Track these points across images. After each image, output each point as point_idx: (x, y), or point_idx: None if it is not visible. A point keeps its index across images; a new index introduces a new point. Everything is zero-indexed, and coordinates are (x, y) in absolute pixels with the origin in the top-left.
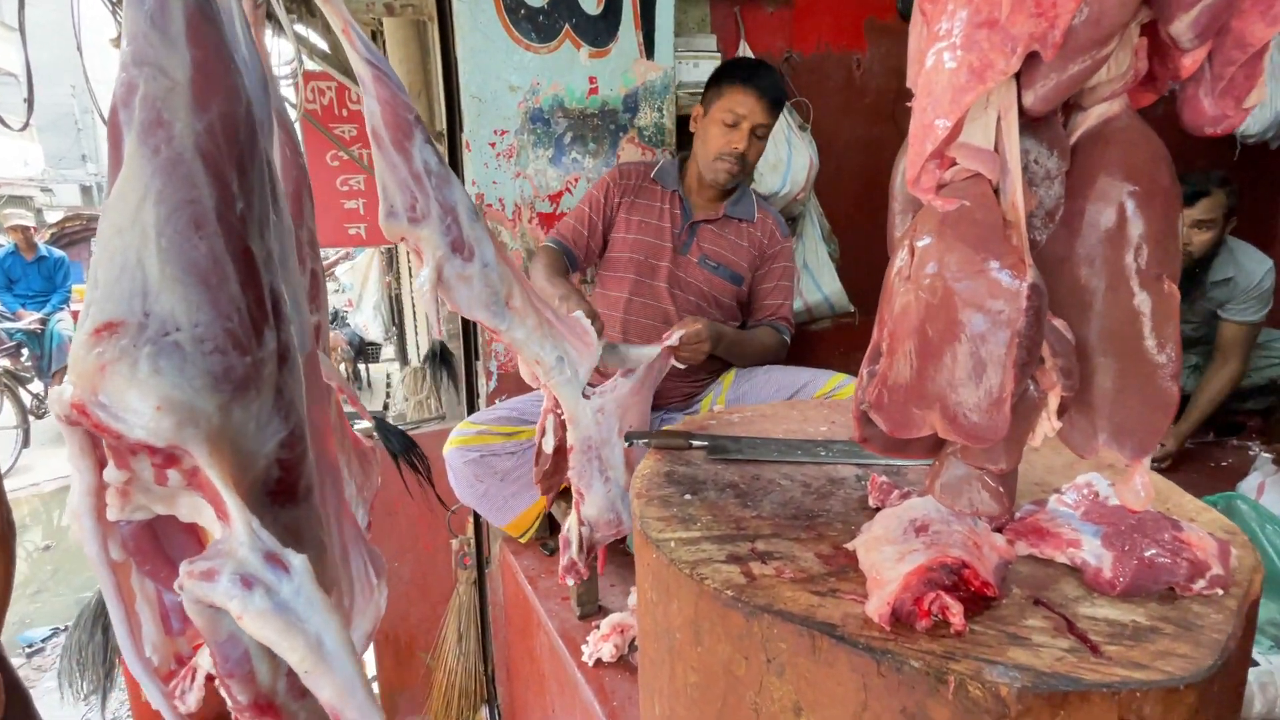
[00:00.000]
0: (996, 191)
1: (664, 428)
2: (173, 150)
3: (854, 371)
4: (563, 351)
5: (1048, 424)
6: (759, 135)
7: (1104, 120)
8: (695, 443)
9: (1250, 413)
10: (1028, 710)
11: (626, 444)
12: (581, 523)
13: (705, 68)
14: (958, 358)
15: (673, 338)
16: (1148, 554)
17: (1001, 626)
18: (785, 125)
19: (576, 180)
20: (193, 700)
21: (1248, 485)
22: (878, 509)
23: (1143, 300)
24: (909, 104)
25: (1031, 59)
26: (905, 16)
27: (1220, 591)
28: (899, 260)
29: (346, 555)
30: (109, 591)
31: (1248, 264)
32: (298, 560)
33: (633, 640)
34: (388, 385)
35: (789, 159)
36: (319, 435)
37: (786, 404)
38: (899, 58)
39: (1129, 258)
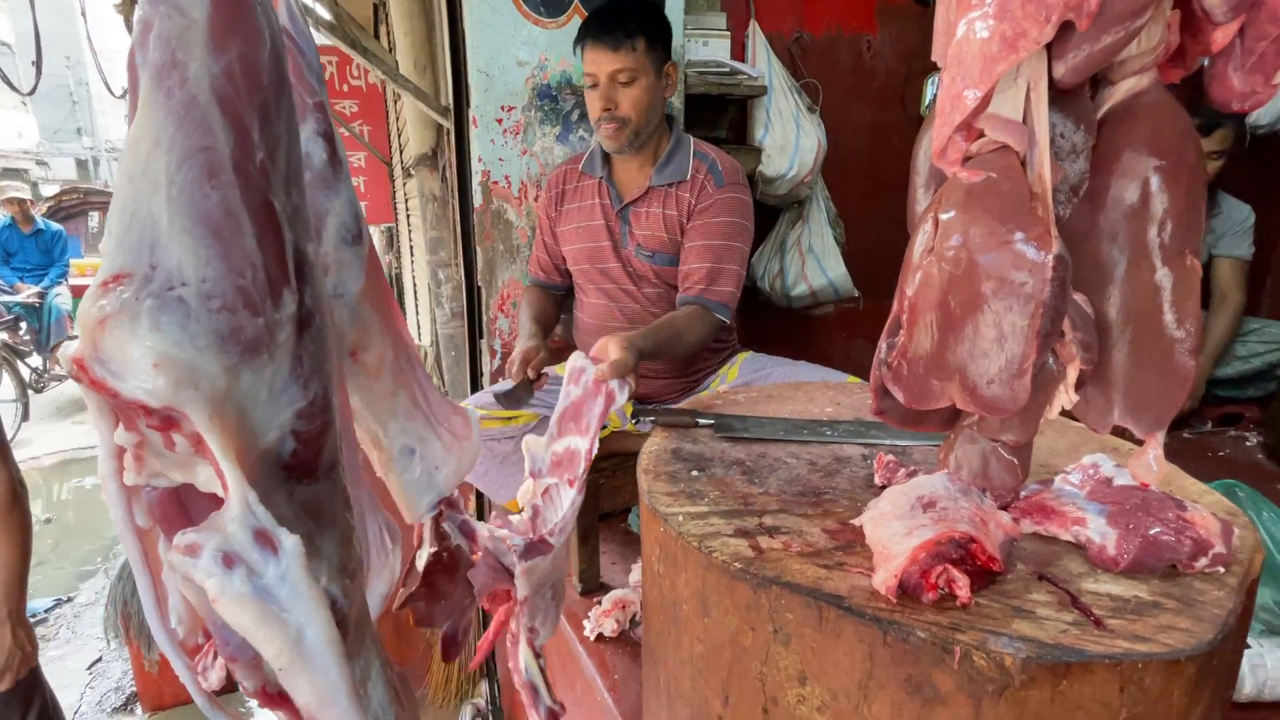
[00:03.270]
0: (1023, 164)
1: (670, 406)
2: (187, 93)
3: (857, 359)
4: (417, 442)
5: (1065, 397)
6: (623, 82)
7: (1132, 95)
8: (702, 421)
9: (1248, 402)
10: (1031, 680)
11: (633, 421)
12: (538, 655)
13: (715, 46)
14: (980, 328)
15: (595, 370)
16: (1152, 532)
17: (1006, 600)
18: (794, 106)
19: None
20: (215, 678)
21: None
22: (884, 486)
23: (1164, 275)
24: (935, 74)
25: (1064, 29)
26: (920, 0)
27: (1222, 569)
28: (922, 234)
29: (364, 521)
30: (134, 558)
31: (1230, 203)
32: (290, 542)
33: (634, 616)
34: None
35: (796, 141)
36: (340, 404)
37: (792, 385)
38: (910, 40)
39: (1152, 233)
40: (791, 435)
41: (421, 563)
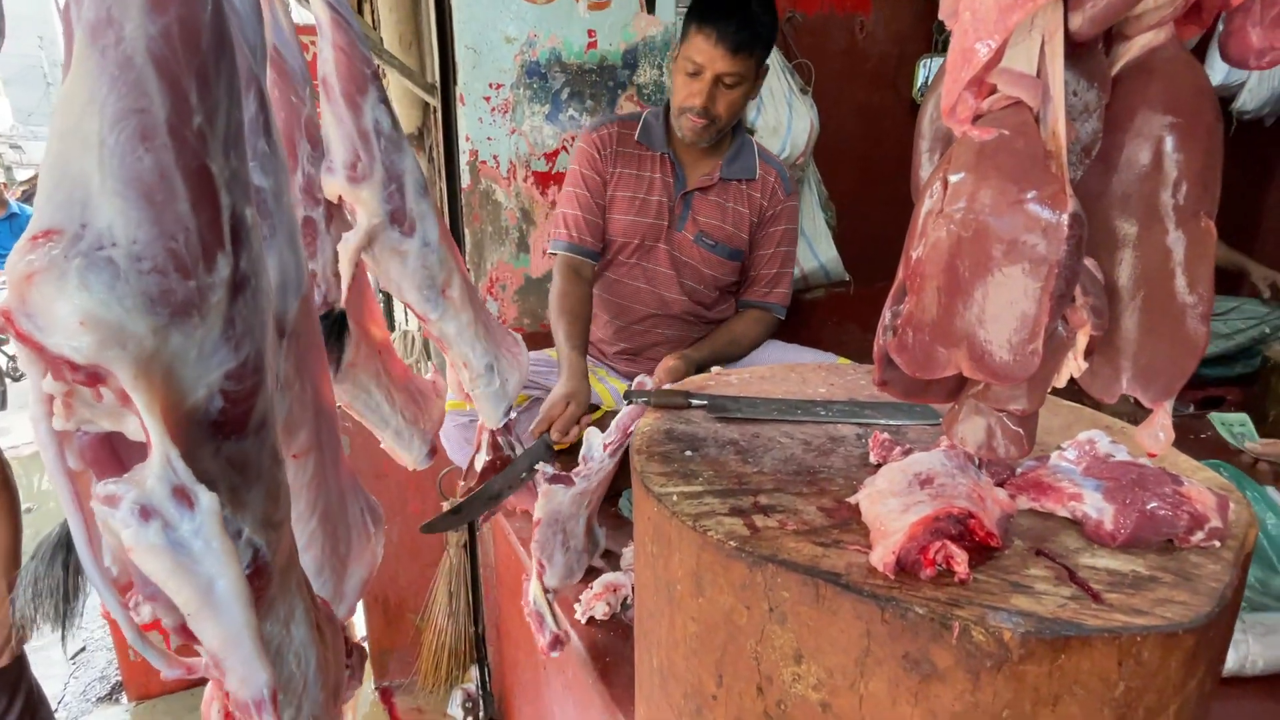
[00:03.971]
0: (1037, 121)
1: (664, 387)
2: (121, 53)
3: (848, 343)
4: (493, 359)
5: (1074, 364)
6: (728, 84)
7: (1149, 50)
8: (695, 401)
9: (1230, 383)
10: (1030, 654)
11: (627, 402)
12: (546, 590)
13: None
14: (990, 292)
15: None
16: (1149, 506)
17: (1004, 576)
18: (786, 87)
19: (573, 138)
20: (145, 612)
21: None
22: (880, 465)
23: (1178, 238)
24: (927, 56)
25: None
26: None
27: (1218, 543)
28: (929, 197)
29: (344, 502)
30: (66, 500)
31: None
32: (206, 499)
33: (625, 599)
34: None
35: (789, 122)
36: (315, 381)
37: (785, 366)
38: (903, 21)
39: (1166, 195)
40: (786, 415)
41: (480, 464)
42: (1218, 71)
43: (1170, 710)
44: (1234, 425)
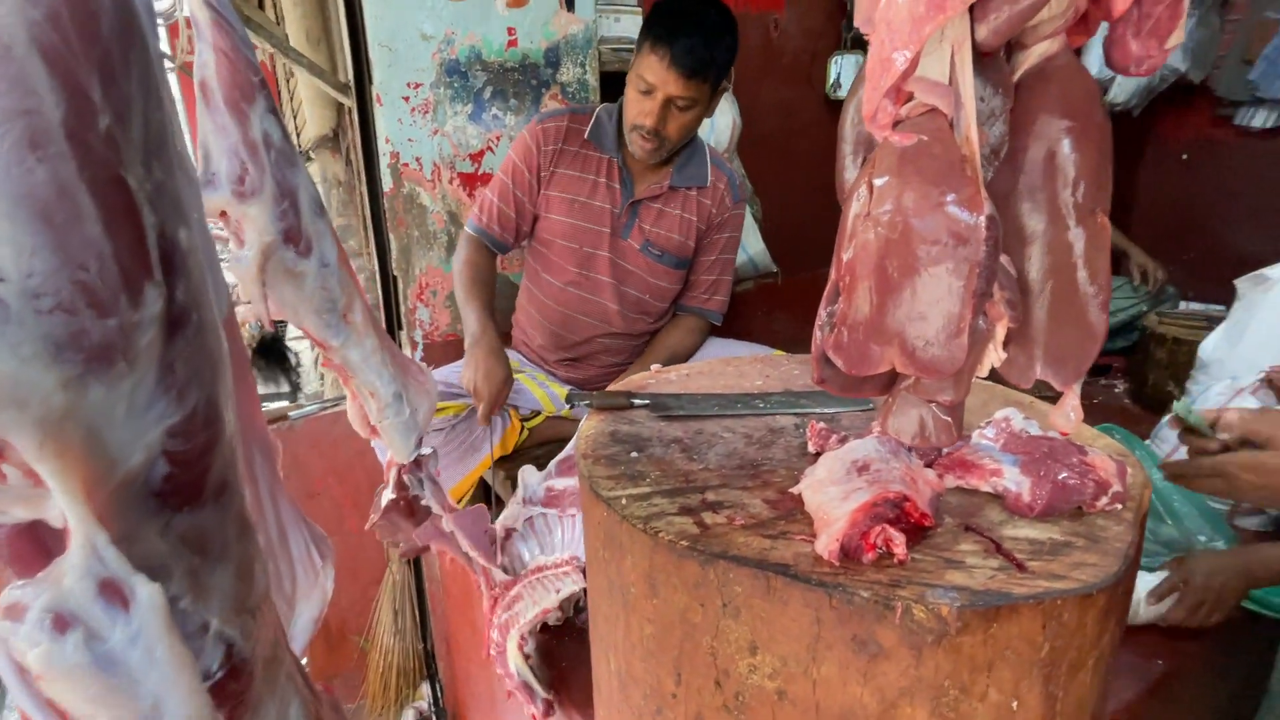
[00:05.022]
0: (951, 126)
1: (605, 389)
2: None
3: (778, 333)
4: (401, 387)
5: (994, 354)
6: (680, 107)
7: (1045, 59)
8: (637, 401)
9: (1115, 353)
10: (966, 626)
11: (569, 406)
12: (528, 658)
13: (626, 23)
14: (918, 292)
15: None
16: (1060, 477)
17: (938, 553)
18: None
19: (498, 138)
20: None
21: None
22: (818, 453)
23: (1079, 234)
24: (839, 53)
25: None
26: None
27: (1120, 506)
28: (856, 200)
29: (285, 537)
30: None
31: None
32: (145, 592)
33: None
34: (297, 364)
35: (713, 120)
36: (243, 409)
37: (721, 361)
38: (815, 19)
39: (1067, 193)
40: (726, 410)
41: (383, 501)
42: (1091, 67)
43: (1089, 664)
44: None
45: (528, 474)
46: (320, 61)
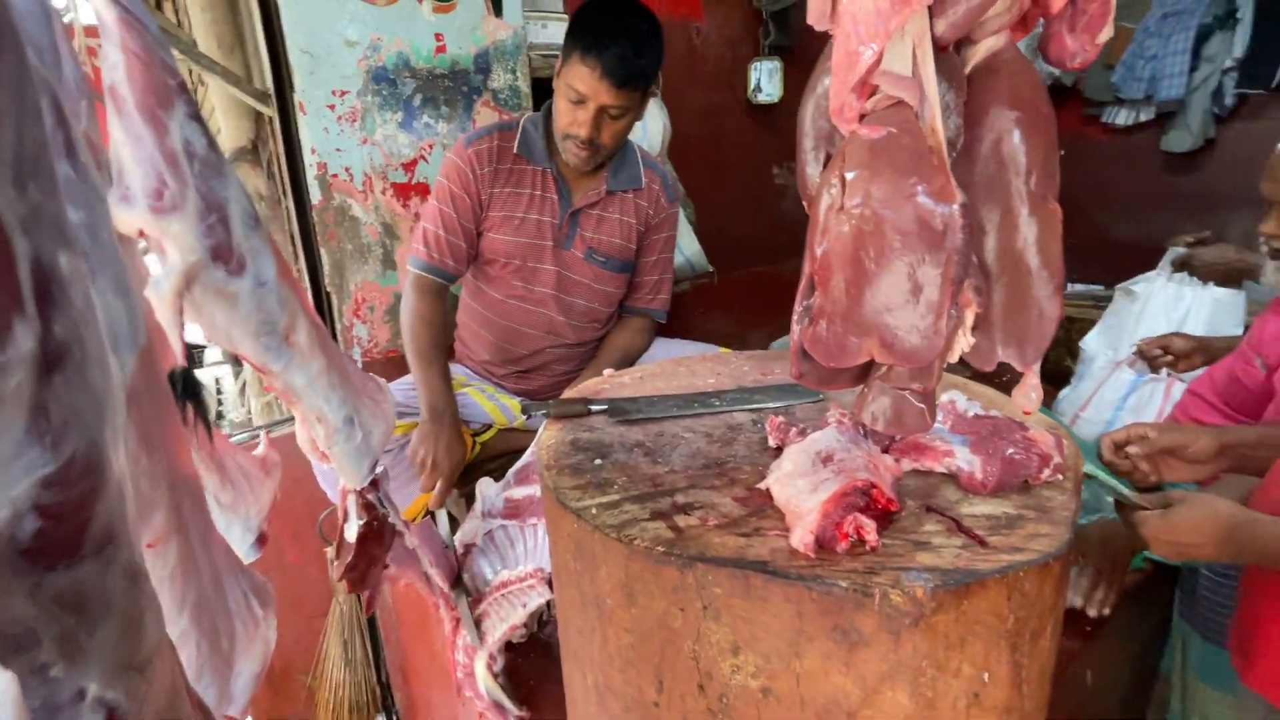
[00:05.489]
0: (916, 118)
1: (561, 396)
2: None
3: (715, 330)
4: (352, 410)
5: (963, 340)
6: (613, 115)
7: (992, 54)
8: (594, 408)
9: None
10: (940, 606)
11: (525, 416)
12: (496, 676)
13: (554, 29)
14: (895, 282)
15: None
16: (1008, 453)
17: (906, 536)
18: None
19: (431, 147)
20: None
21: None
22: (778, 447)
23: (1032, 221)
24: (758, 60)
25: None
26: None
27: (1060, 477)
28: (827, 194)
29: (221, 589)
30: None
31: None
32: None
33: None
34: (219, 391)
35: (644, 125)
36: (168, 450)
37: (672, 361)
38: (733, 28)
39: (1020, 182)
40: (684, 411)
41: (353, 534)
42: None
43: (1047, 631)
44: None
45: (485, 486)
46: (235, 68)
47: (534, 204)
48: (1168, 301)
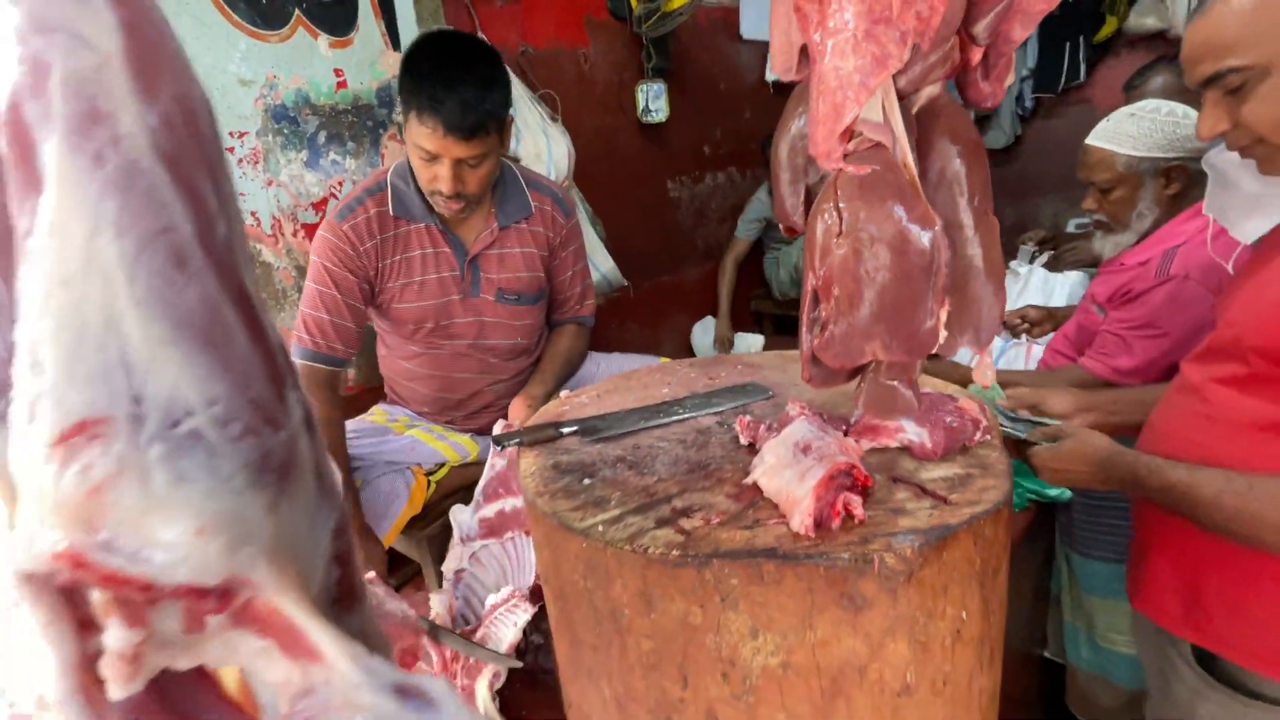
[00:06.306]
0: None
1: (530, 424)
2: (124, 157)
3: (632, 341)
4: None
5: (942, 335)
6: (472, 165)
7: (931, 99)
8: (565, 430)
9: None
10: (925, 561)
11: (499, 446)
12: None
13: None
14: (897, 294)
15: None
16: (947, 421)
17: (884, 507)
18: (538, 117)
19: (340, 183)
20: None
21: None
22: (751, 444)
23: (978, 232)
24: (643, 82)
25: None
26: (616, 15)
27: (989, 437)
28: (824, 222)
29: None
30: None
31: None
32: (438, 688)
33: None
34: None
35: (549, 150)
36: None
37: (621, 376)
38: (617, 53)
39: (964, 200)
40: (652, 421)
41: None
42: None
43: (1003, 567)
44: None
45: (458, 512)
46: None
47: (429, 263)
48: (1038, 283)
